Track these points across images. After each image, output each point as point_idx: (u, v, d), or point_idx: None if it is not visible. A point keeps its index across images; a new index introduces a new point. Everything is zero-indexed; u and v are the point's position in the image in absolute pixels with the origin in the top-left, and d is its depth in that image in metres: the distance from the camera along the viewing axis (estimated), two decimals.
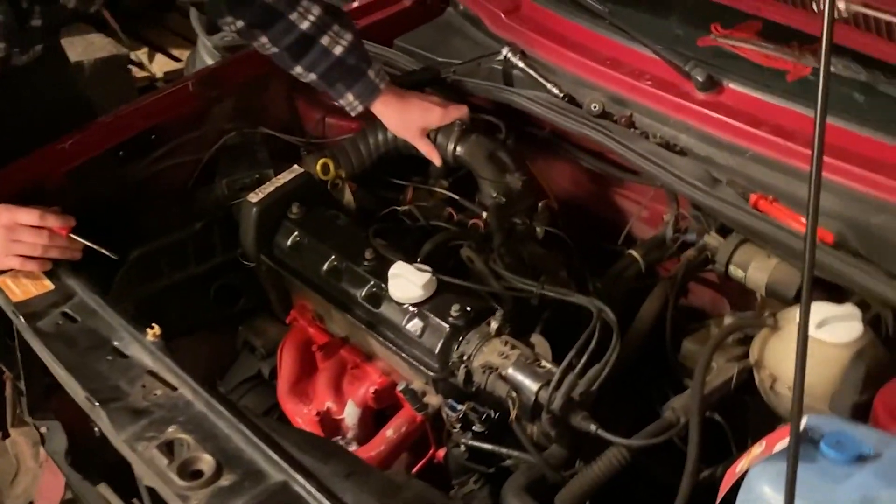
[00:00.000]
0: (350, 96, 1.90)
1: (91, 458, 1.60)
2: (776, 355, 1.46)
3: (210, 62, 3.53)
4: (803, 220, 1.61)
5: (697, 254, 1.73)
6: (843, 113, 1.68)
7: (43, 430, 1.78)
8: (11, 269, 1.66)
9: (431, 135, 1.91)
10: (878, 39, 1.64)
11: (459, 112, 1.92)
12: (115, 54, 3.80)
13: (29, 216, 1.66)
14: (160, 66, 4.39)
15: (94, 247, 1.71)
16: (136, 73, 4.29)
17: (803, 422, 1.19)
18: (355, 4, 2.35)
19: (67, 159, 1.89)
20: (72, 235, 1.69)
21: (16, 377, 1.77)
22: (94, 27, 4.08)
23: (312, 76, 1.92)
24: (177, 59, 4.39)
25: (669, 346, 1.63)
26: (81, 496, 1.75)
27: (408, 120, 1.92)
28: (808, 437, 1.15)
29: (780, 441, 1.22)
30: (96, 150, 1.92)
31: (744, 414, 1.59)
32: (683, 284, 1.72)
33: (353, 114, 1.93)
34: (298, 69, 1.92)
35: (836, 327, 1.41)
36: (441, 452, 1.65)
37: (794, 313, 1.47)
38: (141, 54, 4.41)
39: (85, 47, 3.73)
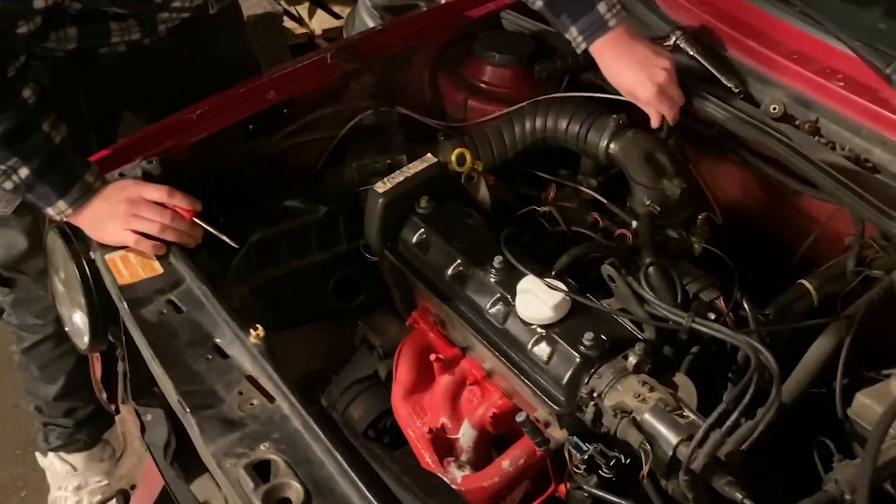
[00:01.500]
0: (574, 31, 1.78)
1: (194, 452, 1.53)
2: None
3: (370, 23, 3.47)
4: None
5: (883, 292, 1.52)
6: None
7: (146, 417, 1.74)
8: (124, 248, 1.61)
9: (582, 129, 1.76)
10: None
11: (672, 101, 1.76)
12: (268, 11, 3.78)
13: (156, 192, 1.63)
14: (320, 22, 4.37)
15: (217, 233, 1.65)
16: (295, 28, 4.29)
17: None
18: None
19: (195, 130, 1.83)
20: (195, 220, 1.64)
21: (122, 358, 1.74)
22: None
23: (540, 3, 1.84)
24: (337, 16, 4.35)
25: (839, 400, 1.43)
26: (176, 492, 1.71)
27: (622, 76, 1.77)
28: None
29: None
30: (225, 122, 1.85)
31: None
32: (862, 326, 1.50)
33: (578, 51, 1.81)
34: None
35: None
36: (562, 489, 1.53)
37: None
38: (301, 9, 4.40)
39: (240, 2, 3.73)
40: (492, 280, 1.55)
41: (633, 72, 1.75)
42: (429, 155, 1.77)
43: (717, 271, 1.66)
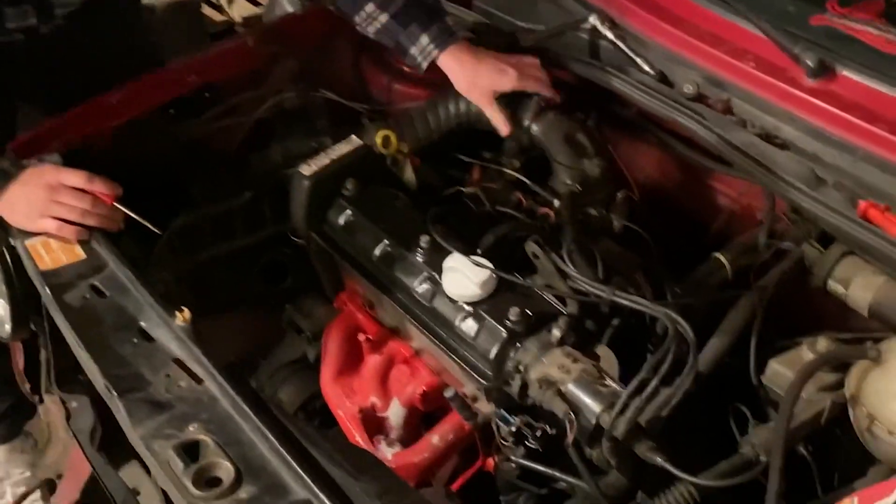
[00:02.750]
0: (424, 39, 1.75)
1: (120, 438, 1.51)
2: (877, 392, 1.31)
3: (290, 9, 3.45)
4: None
5: (793, 263, 1.58)
6: None
7: (72, 404, 1.72)
8: (44, 234, 1.59)
9: (500, 100, 1.77)
10: None
11: (536, 80, 1.77)
12: None
13: (75, 178, 1.60)
14: (240, 10, 4.30)
15: (138, 219, 1.63)
16: (215, 16, 4.22)
17: None
18: None
19: (115, 114, 1.80)
20: (116, 204, 1.62)
21: (44, 345, 1.71)
22: None
23: (384, 17, 1.77)
24: (258, 4, 4.30)
25: (754, 367, 1.48)
26: (104, 479, 1.69)
27: (479, 78, 1.76)
28: None
29: (878, 501, 1.09)
30: (146, 107, 1.83)
31: (832, 447, 1.45)
32: (775, 297, 1.55)
33: (423, 64, 1.77)
34: (370, 7, 1.77)
35: None
36: (490, 462, 1.55)
37: None
38: None
39: None
40: (419, 259, 1.56)
41: (490, 66, 1.75)
42: (354, 137, 1.77)
43: (637, 247, 1.71)
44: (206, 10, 4.15)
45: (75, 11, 1.85)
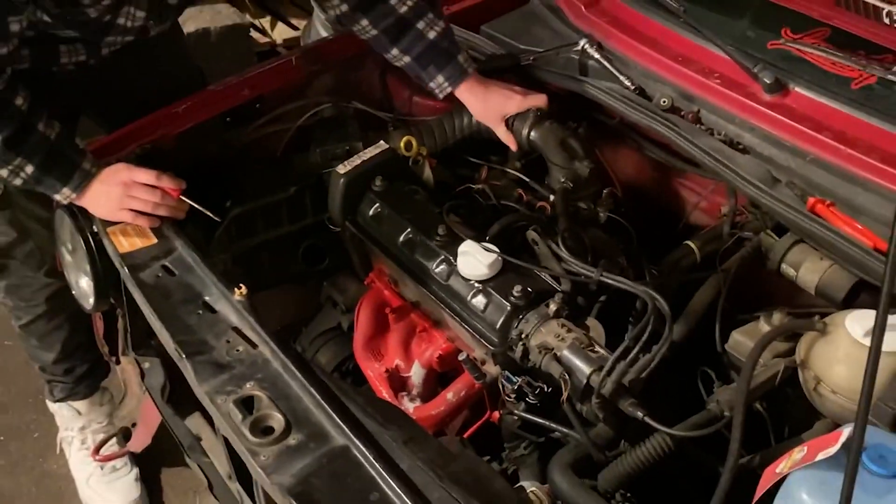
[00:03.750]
0: (440, 78, 1.77)
1: (186, 394, 1.52)
2: (822, 359, 1.30)
3: (323, 33, 3.42)
4: (858, 225, 1.44)
5: (752, 250, 1.57)
6: None
7: (145, 365, 1.72)
8: (122, 223, 1.59)
9: (509, 121, 1.77)
10: None
11: (538, 101, 1.76)
12: (238, 23, 3.70)
13: (146, 176, 1.59)
14: (280, 33, 4.29)
15: (200, 209, 1.63)
16: (259, 38, 4.21)
17: (845, 432, 1.04)
18: None
19: (180, 123, 1.80)
20: (181, 197, 1.61)
21: (121, 316, 1.71)
22: None
23: (406, 59, 1.79)
24: (295, 28, 4.28)
25: (719, 337, 1.48)
26: (173, 427, 1.70)
27: (489, 106, 1.78)
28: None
29: (823, 450, 1.08)
30: (206, 116, 1.82)
31: (784, 404, 1.44)
32: (736, 278, 1.55)
33: (440, 96, 1.79)
34: (395, 51, 1.79)
35: (887, 336, 1.24)
36: (496, 415, 1.55)
37: (842, 318, 1.30)
38: (264, 22, 4.31)
39: (212, 16, 3.64)
40: (436, 245, 1.55)
41: (498, 94, 1.77)
42: (381, 142, 1.76)
43: (620, 235, 1.70)
44: (253, 33, 4.14)
45: (119, 49, 1.77)
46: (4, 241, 1.97)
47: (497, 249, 1.47)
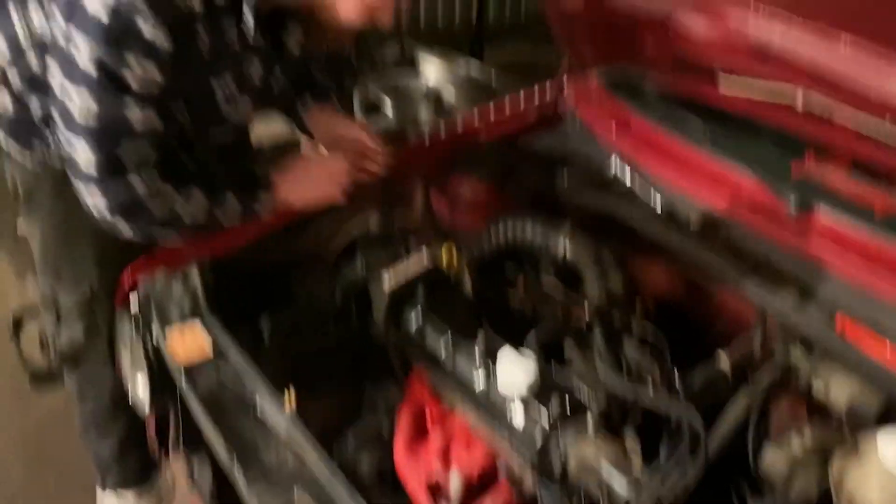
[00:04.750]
0: (307, 96, 1.97)
1: (234, 495, 1.52)
2: (854, 480, 1.28)
3: None
4: (887, 345, 1.43)
5: (782, 367, 1.55)
6: None
7: (195, 464, 1.72)
8: (181, 327, 1.62)
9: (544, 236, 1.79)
10: None
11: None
12: (292, 138, 3.83)
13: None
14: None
15: None
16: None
17: None
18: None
19: (246, 234, 1.84)
20: None
21: (174, 417, 1.73)
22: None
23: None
24: None
25: (752, 455, 1.45)
26: None
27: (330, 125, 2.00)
28: None
29: None
30: (265, 228, 1.87)
31: None
32: (767, 394, 1.53)
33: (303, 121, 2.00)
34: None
35: None
36: None
37: (874, 440, 1.28)
38: None
39: (267, 129, 3.77)
40: (476, 354, 1.56)
41: (341, 125, 2.00)
42: (423, 253, 1.79)
43: (653, 346, 1.70)
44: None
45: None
46: (78, 344, 2.01)
47: (535, 360, 1.48)
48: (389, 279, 1.72)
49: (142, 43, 1.39)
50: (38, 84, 1.65)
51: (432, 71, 4.19)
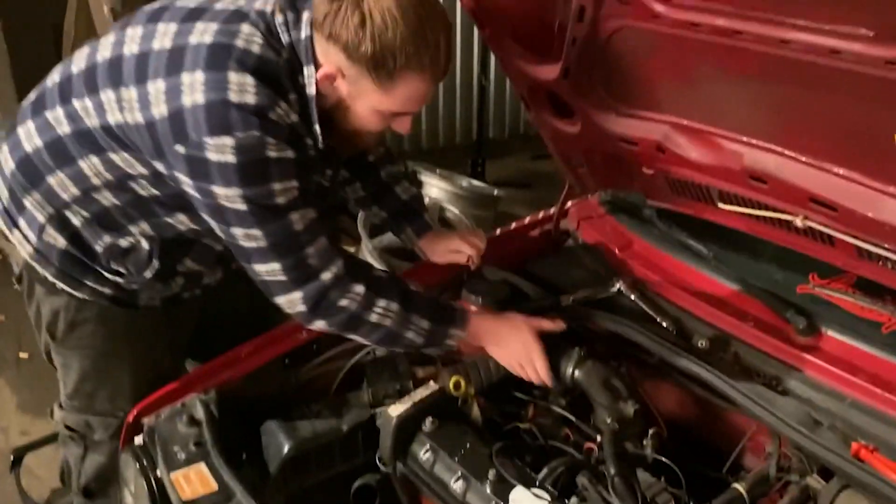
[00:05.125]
0: (409, 230, 2.11)
1: None
2: None
3: (371, 261, 3.59)
4: None
5: (800, 494, 1.57)
6: None
7: None
8: (186, 466, 1.64)
9: (552, 358, 1.83)
10: None
11: (476, 239, 2.08)
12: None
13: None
14: None
15: None
16: None
17: None
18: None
19: (245, 364, 1.89)
20: None
21: None
22: None
23: (384, 214, 2.12)
24: None
25: None
26: None
27: (437, 248, 2.10)
28: None
29: None
30: (267, 358, 1.92)
31: None
32: None
33: (408, 245, 2.13)
34: (375, 208, 2.12)
35: None
36: None
37: None
38: None
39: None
40: (487, 490, 1.57)
41: (449, 240, 2.10)
42: (431, 382, 1.82)
43: (667, 476, 1.71)
44: None
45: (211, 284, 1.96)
46: (103, 475, 2.01)
47: (548, 497, 1.49)
48: (397, 408, 1.74)
49: (276, 166, 1.52)
50: (110, 223, 1.74)
51: (434, 190, 4.33)
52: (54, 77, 1.72)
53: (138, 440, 1.72)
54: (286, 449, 1.77)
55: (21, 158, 1.71)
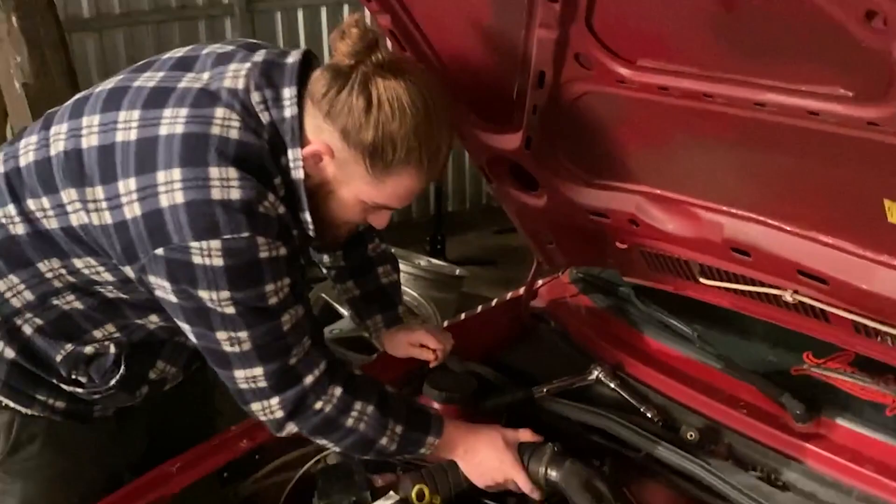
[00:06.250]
0: (378, 318, 2.11)
1: None
2: None
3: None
4: None
5: None
6: None
7: None
8: None
9: (524, 457, 1.81)
10: None
11: (443, 340, 2.07)
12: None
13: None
14: None
15: None
16: None
17: None
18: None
19: (174, 484, 1.83)
20: None
21: None
22: None
23: (357, 292, 2.11)
24: None
25: None
26: None
27: (399, 340, 2.09)
28: None
29: None
30: (202, 473, 1.86)
31: None
32: None
33: (372, 335, 2.13)
34: (349, 283, 2.11)
35: None
36: None
37: None
38: None
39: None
40: None
41: (413, 333, 2.09)
42: (391, 493, 1.79)
43: None
44: None
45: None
46: None
47: None
48: None
49: (268, 266, 1.53)
50: (71, 330, 1.72)
51: None
52: None
53: None
54: None
55: None
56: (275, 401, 1.65)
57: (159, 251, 1.50)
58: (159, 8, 4.89)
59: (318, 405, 1.67)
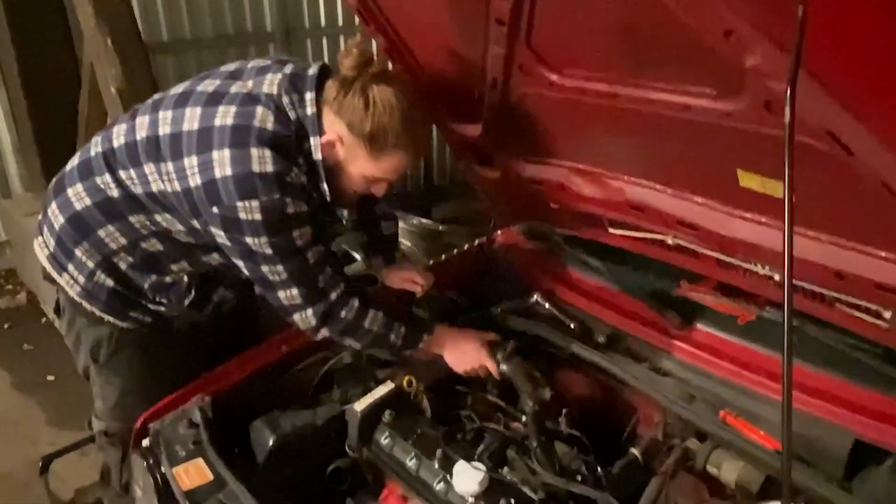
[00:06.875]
0: (380, 259, 2.05)
1: None
2: None
3: None
4: (760, 432, 1.48)
5: (681, 454, 1.58)
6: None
7: None
8: (186, 461, 1.58)
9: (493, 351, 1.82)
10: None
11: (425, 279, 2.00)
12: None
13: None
14: None
15: None
16: None
17: None
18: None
19: (235, 375, 1.84)
20: None
21: None
22: None
23: (365, 238, 2.05)
24: None
25: None
26: None
27: (395, 276, 2.03)
28: None
29: None
30: (255, 368, 1.87)
31: None
32: (672, 478, 1.55)
33: (373, 269, 2.06)
34: (362, 232, 2.05)
35: None
36: None
37: None
38: None
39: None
40: (436, 466, 1.56)
41: (407, 271, 2.02)
42: (389, 382, 1.80)
43: (579, 447, 1.71)
44: None
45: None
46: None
47: (484, 468, 1.48)
48: (360, 404, 1.72)
49: (294, 219, 1.54)
50: (154, 265, 1.73)
51: None
52: (97, 147, 1.69)
53: (145, 442, 1.66)
54: (271, 442, 1.73)
55: (71, 215, 1.68)
56: (309, 312, 1.66)
57: (215, 209, 1.50)
58: (219, 35, 4.79)
59: (343, 313, 1.68)
